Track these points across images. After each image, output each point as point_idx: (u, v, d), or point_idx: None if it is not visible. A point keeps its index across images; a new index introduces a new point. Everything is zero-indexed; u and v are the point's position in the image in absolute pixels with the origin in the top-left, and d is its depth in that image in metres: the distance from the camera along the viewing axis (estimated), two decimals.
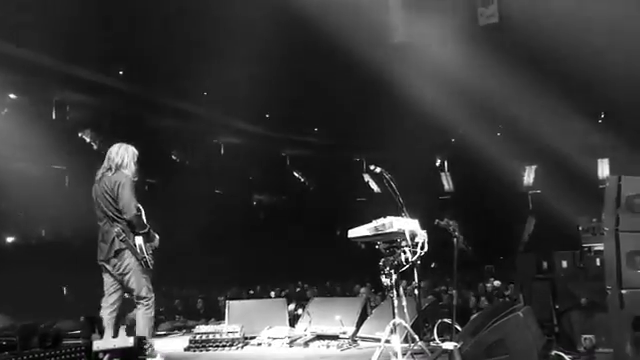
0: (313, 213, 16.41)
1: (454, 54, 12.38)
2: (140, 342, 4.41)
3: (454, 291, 4.61)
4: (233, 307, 7.45)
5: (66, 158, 13.81)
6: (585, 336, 5.35)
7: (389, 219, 4.82)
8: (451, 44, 12.26)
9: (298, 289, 13.26)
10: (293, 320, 7.07)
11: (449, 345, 4.01)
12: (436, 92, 13.35)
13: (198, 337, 6.27)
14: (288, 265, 14.72)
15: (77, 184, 12.94)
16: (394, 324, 4.77)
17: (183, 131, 15.67)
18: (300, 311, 6.71)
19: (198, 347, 6.21)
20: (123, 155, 5.29)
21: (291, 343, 6.18)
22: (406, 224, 4.87)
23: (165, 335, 8.11)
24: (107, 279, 5.26)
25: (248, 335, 6.28)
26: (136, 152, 5.37)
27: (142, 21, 12.37)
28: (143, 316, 5.17)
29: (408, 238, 4.80)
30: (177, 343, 6.77)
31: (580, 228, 6.06)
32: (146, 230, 5.21)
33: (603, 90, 13.30)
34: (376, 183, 15.49)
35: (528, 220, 16.26)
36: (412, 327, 5.29)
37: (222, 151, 16.07)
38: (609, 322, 4.48)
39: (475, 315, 5.82)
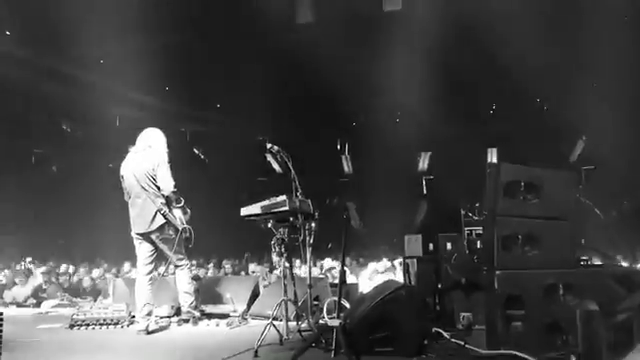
0: (211, 191, 16.11)
1: (358, 38, 12.52)
2: None
3: (339, 269, 4.70)
4: (119, 285, 7.22)
5: None
6: (463, 314, 5.66)
7: (281, 198, 4.84)
8: (356, 27, 12.36)
9: (192, 268, 13.04)
10: None
11: (334, 322, 4.08)
12: (339, 76, 13.45)
13: (82, 315, 6.02)
14: None
15: None
16: (282, 302, 4.81)
17: (76, 100, 14.75)
18: None
19: (81, 325, 5.95)
20: (160, 139, 5.96)
21: (179, 322, 6.09)
22: (298, 203, 4.90)
23: (47, 313, 7.77)
24: (145, 249, 5.79)
25: (135, 314, 6.10)
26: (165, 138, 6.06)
27: None
28: (185, 276, 5.95)
29: (299, 217, 4.83)
30: (60, 321, 6.47)
31: (463, 212, 6.34)
32: (182, 204, 5.83)
33: (495, 83, 13.98)
34: (277, 163, 15.47)
35: (421, 204, 16.89)
36: (301, 305, 5.37)
37: (118, 123, 15.31)
38: (485, 301, 4.73)
39: (363, 293, 5.98)
